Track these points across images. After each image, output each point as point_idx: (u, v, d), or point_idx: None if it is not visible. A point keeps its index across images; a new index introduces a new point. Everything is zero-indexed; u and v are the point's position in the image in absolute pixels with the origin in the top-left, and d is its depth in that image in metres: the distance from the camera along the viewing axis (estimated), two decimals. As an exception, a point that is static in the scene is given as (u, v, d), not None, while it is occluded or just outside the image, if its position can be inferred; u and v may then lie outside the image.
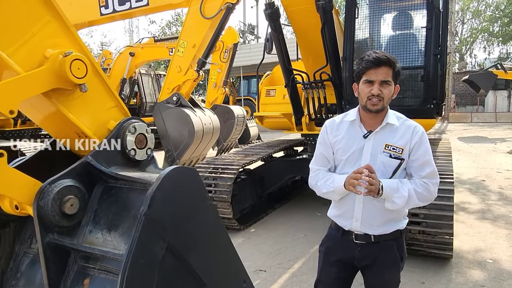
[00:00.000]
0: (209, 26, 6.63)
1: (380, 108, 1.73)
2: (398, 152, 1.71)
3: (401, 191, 1.67)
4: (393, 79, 1.73)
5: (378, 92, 1.70)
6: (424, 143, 1.73)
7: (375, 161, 1.73)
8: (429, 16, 3.57)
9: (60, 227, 1.49)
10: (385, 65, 1.70)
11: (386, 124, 1.75)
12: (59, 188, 1.46)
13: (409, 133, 1.73)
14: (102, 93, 1.73)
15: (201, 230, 1.72)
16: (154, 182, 1.47)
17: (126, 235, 1.47)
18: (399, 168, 1.72)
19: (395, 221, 1.80)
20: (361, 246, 1.81)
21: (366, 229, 1.79)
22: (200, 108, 7.44)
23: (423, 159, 1.72)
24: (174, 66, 7.12)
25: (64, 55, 1.48)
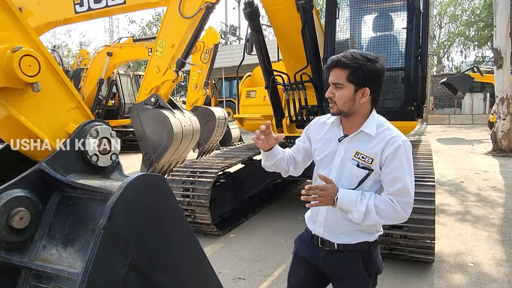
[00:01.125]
0: (188, 25, 6.47)
1: (336, 112, 1.62)
2: (367, 162, 1.56)
3: (358, 205, 1.52)
4: (348, 81, 1.54)
5: (329, 95, 1.61)
6: (398, 157, 1.52)
7: (344, 168, 1.62)
8: (410, 17, 3.54)
9: (8, 243, 1.32)
10: (337, 67, 1.57)
11: (361, 132, 1.60)
12: (7, 199, 1.30)
13: (383, 143, 1.55)
14: (59, 93, 1.57)
15: (169, 243, 1.58)
16: (115, 192, 1.33)
17: (83, 251, 1.32)
18: (365, 179, 1.57)
19: (362, 232, 1.64)
20: (326, 252, 1.70)
21: (328, 236, 1.68)
22: (179, 109, 7.26)
23: (394, 175, 1.52)
24: (152, 66, 6.93)
25: (12, 50, 1.32)
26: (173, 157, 7.21)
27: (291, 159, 1.86)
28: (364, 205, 1.52)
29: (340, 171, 1.62)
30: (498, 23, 9.24)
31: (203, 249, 1.82)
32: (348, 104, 1.57)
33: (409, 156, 1.55)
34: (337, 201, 1.54)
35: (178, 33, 6.67)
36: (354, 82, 1.54)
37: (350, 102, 1.57)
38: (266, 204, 5.45)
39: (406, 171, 1.53)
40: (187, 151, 7.89)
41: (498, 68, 9.38)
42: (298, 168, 1.89)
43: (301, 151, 1.85)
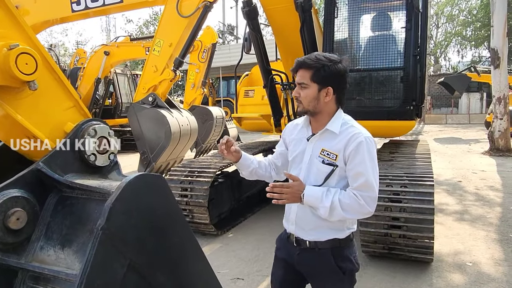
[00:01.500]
0: (186, 24, 6.46)
1: (303, 110, 1.68)
2: (332, 158, 1.62)
3: (324, 201, 1.57)
4: (312, 81, 1.61)
5: (295, 95, 1.68)
6: (361, 152, 1.57)
7: (312, 165, 1.68)
8: (409, 17, 3.53)
9: (4, 244, 1.30)
10: (301, 68, 1.64)
11: (325, 130, 1.67)
12: (3, 199, 1.28)
13: (346, 140, 1.61)
14: (56, 92, 1.55)
15: (168, 244, 1.56)
16: (114, 192, 1.31)
17: (81, 252, 1.30)
18: (331, 175, 1.62)
19: (331, 229, 1.68)
20: (300, 250, 1.75)
21: (300, 233, 1.73)
22: (177, 109, 7.24)
23: (357, 170, 1.58)
24: (150, 65, 6.91)
25: (8, 48, 1.30)
26: (170, 156, 7.19)
27: (271, 165, 1.92)
28: (329, 201, 1.56)
29: (308, 169, 1.68)
30: (495, 23, 9.26)
31: (202, 249, 1.81)
32: (313, 103, 1.63)
33: (371, 151, 1.60)
34: (303, 198, 1.59)
35: (176, 32, 6.65)
36: (317, 82, 1.60)
37: (314, 101, 1.63)
38: (264, 204, 5.43)
39: (369, 166, 1.58)
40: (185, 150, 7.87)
41: (495, 68, 9.41)
42: (280, 173, 1.93)
43: (279, 156, 1.91)
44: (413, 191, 3.18)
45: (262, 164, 1.91)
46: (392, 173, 3.46)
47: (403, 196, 3.19)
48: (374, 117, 3.87)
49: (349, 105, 4.08)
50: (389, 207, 3.20)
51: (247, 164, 1.86)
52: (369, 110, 3.90)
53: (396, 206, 3.17)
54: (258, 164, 1.89)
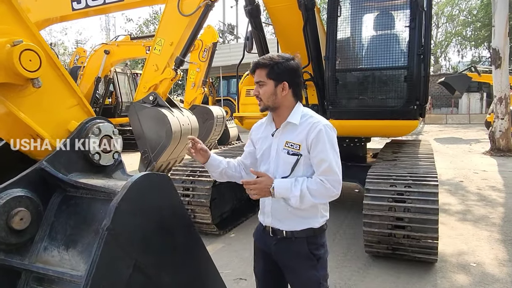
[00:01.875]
0: (187, 23, 6.42)
1: (264, 107, 1.79)
2: (296, 148, 1.73)
3: (293, 191, 1.67)
4: (268, 78, 1.73)
5: (255, 93, 1.79)
6: (321, 140, 1.69)
7: (278, 158, 1.77)
8: (413, 15, 3.50)
9: (7, 244, 1.28)
10: (258, 68, 1.75)
11: (287, 123, 1.77)
12: (6, 199, 1.26)
13: (307, 130, 1.72)
14: (60, 90, 1.52)
15: (173, 243, 1.54)
16: (119, 191, 1.28)
17: (86, 253, 1.27)
18: (296, 164, 1.73)
19: (304, 218, 1.78)
20: (277, 240, 1.83)
21: (277, 223, 1.81)
22: (178, 108, 7.21)
23: (320, 157, 1.68)
24: (151, 64, 6.87)
25: (12, 44, 1.27)
26: (171, 156, 7.16)
27: (241, 165, 1.99)
28: (298, 190, 1.66)
29: (276, 162, 1.77)
30: (496, 23, 9.24)
31: (206, 249, 1.79)
32: (272, 98, 1.74)
33: (331, 138, 1.71)
34: (274, 191, 1.67)
35: (177, 31, 6.61)
36: (273, 78, 1.72)
37: (273, 96, 1.74)
38: (266, 203, 5.39)
39: (330, 152, 1.68)
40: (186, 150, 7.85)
41: (497, 68, 9.39)
42: (245, 172, 1.99)
43: (248, 155, 1.98)
44: (417, 191, 3.16)
45: (231, 164, 1.97)
46: (396, 173, 3.44)
47: (407, 196, 3.17)
48: (377, 116, 3.85)
49: (352, 105, 4.06)
50: (393, 207, 3.17)
51: (216, 165, 1.92)
52: (372, 109, 3.88)
53: (400, 206, 3.15)
54: (227, 164, 1.95)
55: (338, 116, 3.99)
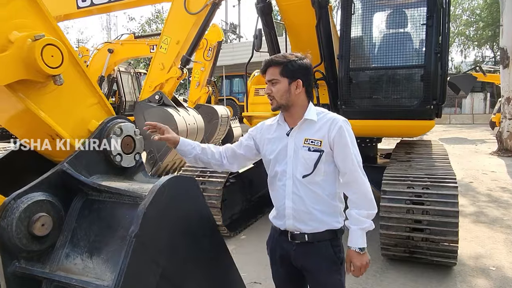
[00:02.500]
0: (194, 22, 6.35)
1: (276, 106, 1.75)
2: (317, 145, 1.70)
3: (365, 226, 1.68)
4: (281, 75, 1.70)
5: (268, 91, 1.75)
6: (343, 136, 1.68)
7: (297, 157, 1.74)
8: (430, 13, 3.42)
9: (28, 252, 1.20)
10: (269, 66, 1.73)
11: (304, 120, 1.74)
12: (27, 204, 1.18)
13: (327, 125, 1.71)
14: (81, 87, 1.45)
15: (199, 249, 1.46)
16: (147, 196, 1.21)
17: (112, 262, 1.20)
18: (319, 160, 1.70)
19: (326, 217, 1.74)
20: (296, 245, 1.77)
21: (299, 224, 1.75)
22: (183, 107, 7.13)
23: (343, 154, 1.69)
24: (157, 63, 6.78)
25: (33, 38, 1.19)
26: (177, 156, 7.08)
27: (225, 153, 1.92)
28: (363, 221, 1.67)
29: (295, 161, 1.73)
30: (505, 22, 9.15)
31: (230, 254, 1.71)
32: (285, 96, 1.71)
33: (351, 133, 1.72)
34: (362, 247, 1.68)
35: (183, 29, 6.53)
36: (287, 76, 1.69)
37: (286, 94, 1.71)
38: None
39: (351, 148, 1.69)
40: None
41: (505, 68, 9.29)
42: (235, 163, 1.96)
43: (244, 148, 1.93)
44: (436, 193, 3.07)
45: (207, 151, 1.90)
46: (413, 174, 3.36)
47: (425, 198, 3.08)
48: (392, 116, 3.76)
49: (366, 104, 3.98)
50: (411, 209, 3.09)
51: (187, 150, 1.86)
52: (387, 109, 3.79)
53: (418, 209, 3.06)
54: (202, 151, 1.88)
55: (352, 116, 3.89)
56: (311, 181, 1.72)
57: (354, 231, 1.68)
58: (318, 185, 1.72)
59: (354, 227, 1.68)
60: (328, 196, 1.74)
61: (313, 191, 1.72)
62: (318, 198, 1.73)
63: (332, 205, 1.76)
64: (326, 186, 1.73)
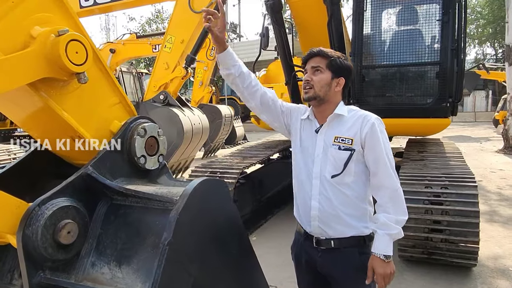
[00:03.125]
0: (199, 21, 6.29)
1: (312, 96, 1.65)
2: (348, 143, 1.63)
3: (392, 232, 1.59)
4: (327, 67, 1.65)
5: (308, 78, 1.67)
6: (375, 133, 1.60)
7: (326, 155, 1.67)
8: (446, 8, 3.35)
9: (53, 261, 1.13)
10: (317, 56, 1.68)
11: (335, 116, 1.67)
12: (53, 210, 1.10)
13: (359, 123, 1.63)
14: (103, 86, 1.37)
15: (228, 256, 1.39)
16: (178, 200, 1.13)
17: (144, 271, 1.12)
18: (350, 160, 1.62)
19: (355, 221, 1.66)
20: (322, 251, 1.70)
21: (324, 229, 1.67)
22: (188, 107, 7.07)
23: (375, 153, 1.61)
24: (161, 62, 6.72)
25: (57, 34, 1.12)
26: (182, 156, 7.02)
27: (259, 87, 1.78)
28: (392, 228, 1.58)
29: (323, 160, 1.66)
30: (510, 18, 9.08)
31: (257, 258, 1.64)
32: (325, 88, 1.64)
33: (384, 132, 1.64)
34: (389, 258, 1.59)
35: (188, 28, 6.47)
36: (332, 71, 1.65)
37: (326, 87, 1.65)
38: (283, 205, 5.26)
39: (385, 148, 1.61)
40: (196, 149, 7.69)
41: (510, 65, 9.22)
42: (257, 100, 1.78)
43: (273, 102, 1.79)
44: (455, 193, 3.01)
45: (251, 76, 1.76)
46: (430, 174, 3.29)
47: (444, 198, 3.01)
48: (406, 114, 3.70)
49: (379, 102, 3.91)
50: (429, 209, 3.02)
51: (231, 61, 1.70)
52: (402, 107, 3.73)
53: (437, 209, 3.00)
54: (246, 70, 1.74)
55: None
56: (340, 182, 1.64)
57: (380, 237, 1.59)
58: (348, 186, 1.64)
59: (381, 232, 1.59)
60: (357, 198, 1.66)
61: (342, 192, 1.64)
62: (347, 200, 1.65)
63: (361, 208, 1.68)
64: (356, 188, 1.65)
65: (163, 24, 26.50)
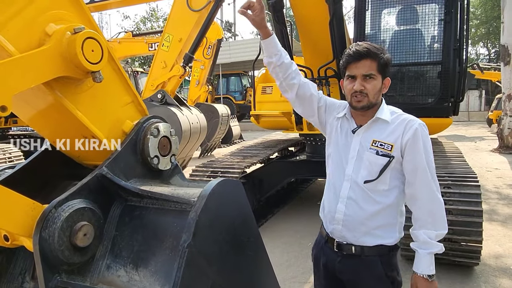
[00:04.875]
0: (196, 19, 6.26)
1: (366, 105, 1.54)
2: (387, 149, 1.51)
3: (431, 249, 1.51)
4: (378, 72, 1.52)
5: (361, 88, 1.52)
6: (417, 140, 1.49)
7: (361, 159, 1.57)
8: (448, 8, 3.36)
9: (69, 264, 1.10)
10: (366, 57, 1.51)
11: (376, 119, 1.56)
12: (69, 212, 1.07)
13: (401, 128, 1.52)
14: (117, 85, 1.35)
15: (244, 259, 1.37)
16: (197, 202, 1.11)
17: (162, 273, 1.10)
18: (387, 167, 1.52)
19: (380, 231, 1.56)
20: (342, 256, 1.63)
21: (346, 235, 1.60)
22: (186, 106, 7.02)
23: (415, 161, 1.49)
24: (159, 61, 6.66)
25: (73, 31, 1.09)
26: (180, 155, 6.97)
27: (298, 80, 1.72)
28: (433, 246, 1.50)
29: (358, 163, 1.58)
30: (506, 19, 9.16)
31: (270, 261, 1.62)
32: (377, 95, 1.55)
33: (427, 138, 1.53)
34: (432, 278, 1.50)
35: (186, 26, 6.43)
36: (381, 73, 1.53)
37: (379, 93, 1.55)
38: (283, 204, 5.26)
39: (428, 157, 1.51)
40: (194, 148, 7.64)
41: (506, 65, 9.32)
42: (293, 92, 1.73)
43: (315, 98, 1.73)
44: (458, 192, 3.02)
45: (294, 65, 1.71)
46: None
47: (447, 197, 3.02)
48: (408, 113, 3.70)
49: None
50: (432, 209, 3.02)
51: (275, 50, 1.65)
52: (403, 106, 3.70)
53: (440, 208, 3.00)
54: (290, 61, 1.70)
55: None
56: (372, 188, 1.55)
57: (422, 256, 1.50)
58: (380, 194, 1.55)
59: (422, 251, 1.50)
60: (389, 208, 1.56)
61: (373, 199, 1.55)
62: (377, 208, 1.56)
63: (391, 219, 1.58)
64: (390, 196, 1.55)
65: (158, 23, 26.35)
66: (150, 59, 21.97)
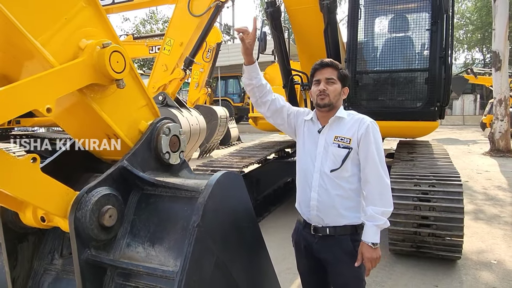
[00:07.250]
0: (197, 24, 6.46)
1: (327, 103, 1.86)
2: (346, 142, 1.84)
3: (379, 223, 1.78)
4: (338, 79, 1.88)
5: (324, 88, 1.86)
6: (369, 134, 1.81)
7: (327, 153, 1.88)
8: (435, 19, 3.59)
9: (97, 241, 1.31)
10: (329, 66, 1.88)
11: (336, 118, 1.88)
12: (97, 197, 1.29)
13: (356, 125, 1.84)
14: (134, 90, 1.56)
15: (244, 241, 1.59)
16: (204, 189, 1.33)
17: (175, 249, 1.31)
18: (347, 157, 1.83)
19: (348, 212, 1.87)
20: (318, 238, 1.91)
21: (321, 216, 1.88)
22: (186, 108, 7.23)
23: (366, 150, 1.81)
24: (160, 64, 6.87)
25: (102, 46, 1.30)
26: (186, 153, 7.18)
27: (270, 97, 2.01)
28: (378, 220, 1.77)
29: (324, 157, 1.89)
30: (497, 26, 9.44)
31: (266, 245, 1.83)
32: (337, 97, 1.88)
33: (377, 132, 1.85)
34: (375, 245, 1.79)
35: (187, 31, 6.63)
36: (340, 81, 1.89)
37: (338, 95, 1.89)
38: (279, 203, 5.46)
39: (376, 148, 1.82)
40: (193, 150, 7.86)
41: (497, 71, 9.58)
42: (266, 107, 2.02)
43: (285, 108, 2.03)
44: (442, 191, 3.24)
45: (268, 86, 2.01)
46: (419, 173, 3.52)
47: (432, 195, 3.25)
48: (397, 117, 3.93)
49: (372, 106, 4.13)
50: (418, 206, 3.25)
51: (255, 74, 1.94)
52: (393, 110, 3.96)
53: (425, 205, 3.23)
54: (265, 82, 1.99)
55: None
56: (338, 176, 1.86)
57: (369, 227, 1.81)
58: (345, 180, 1.87)
59: (369, 223, 1.80)
60: (352, 191, 1.88)
61: (339, 185, 1.86)
62: (342, 192, 1.87)
63: (355, 200, 1.90)
64: (351, 182, 1.88)
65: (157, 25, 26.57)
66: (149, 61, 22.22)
